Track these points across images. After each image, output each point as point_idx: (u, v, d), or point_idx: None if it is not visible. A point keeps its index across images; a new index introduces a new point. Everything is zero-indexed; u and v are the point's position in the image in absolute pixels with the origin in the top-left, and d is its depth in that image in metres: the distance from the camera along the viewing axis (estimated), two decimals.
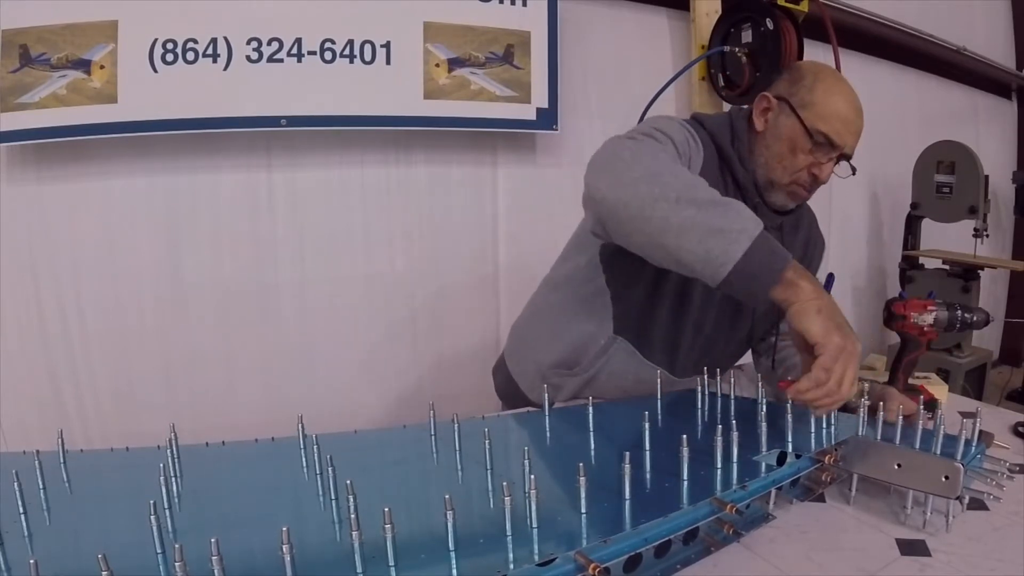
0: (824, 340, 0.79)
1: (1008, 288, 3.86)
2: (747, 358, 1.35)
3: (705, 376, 1.01)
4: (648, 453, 0.78)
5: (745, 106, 1.17)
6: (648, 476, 0.74)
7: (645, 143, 0.96)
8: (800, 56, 2.02)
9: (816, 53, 2.21)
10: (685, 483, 0.71)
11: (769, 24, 2.01)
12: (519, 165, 2.08)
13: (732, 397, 1.01)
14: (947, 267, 2.78)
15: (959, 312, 1.09)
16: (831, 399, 0.80)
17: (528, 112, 1.94)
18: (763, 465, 0.76)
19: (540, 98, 1.94)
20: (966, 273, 2.71)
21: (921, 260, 2.88)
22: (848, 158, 1.08)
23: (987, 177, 2.69)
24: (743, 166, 1.09)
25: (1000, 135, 3.70)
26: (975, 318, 1.08)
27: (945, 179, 2.75)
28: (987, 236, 2.74)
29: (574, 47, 2.06)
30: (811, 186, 1.09)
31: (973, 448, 0.81)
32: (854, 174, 1.10)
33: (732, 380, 1.03)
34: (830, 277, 1.36)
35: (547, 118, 1.96)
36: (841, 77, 1.10)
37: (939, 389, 1.19)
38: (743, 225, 0.81)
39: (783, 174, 1.07)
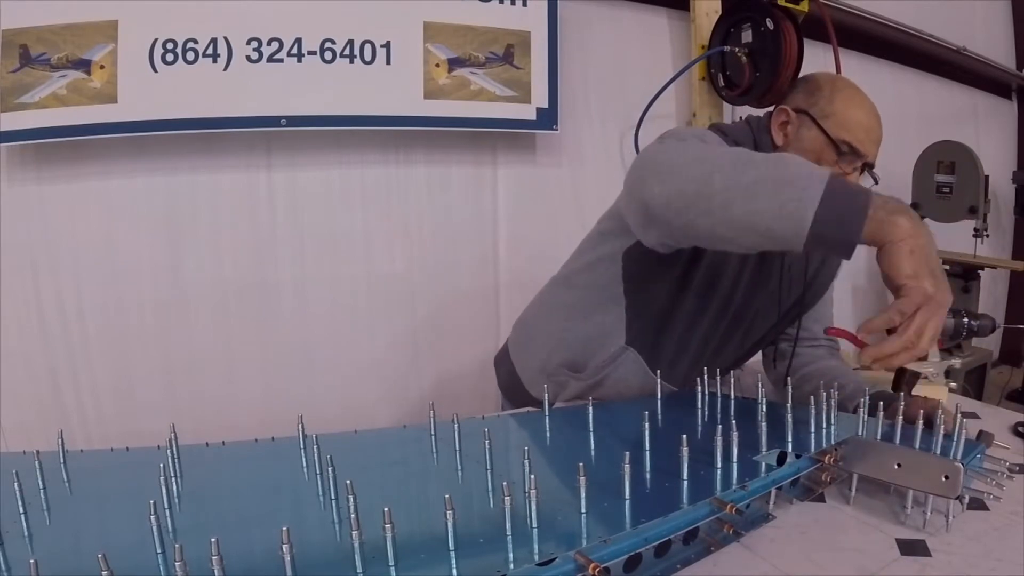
0: (911, 282, 0.70)
1: (1008, 288, 3.86)
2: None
3: (705, 376, 1.01)
4: (648, 453, 0.78)
5: (762, 113, 1.16)
6: (648, 476, 0.74)
7: (686, 139, 0.94)
8: (800, 56, 2.02)
9: (816, 53, 2.20)
10: (685, 483, 0.70)
11: (769, 24, 2.01)
12: (519, 165, 2.08)
13: (732, 397, 1.01)
14: (947, 267, 2.78)
15: (965, 320, 1.06)
16: (908, 352, 0.72)
17: (528, 112, 1.94)
18: (763, 465, 0.76)
19: (540, 98, 1.94)
20: (966, 273, 2.71)
21: None
22: (871, 167, 1.07)
23: (987, 177, 2.69)
24: None
25: (1000, 135, 3.70)
26: (981, 325, 1.06)
27: (945, 179, 2.75)
28: (987, 236, 2.74)
29: (574, 47, 2.06)
30: None
31: (973, 448, 0.81)
32: (876, 184, 1.08)
33: (732, 380, 1.03)
34: None
35: (547, 118, 1.96)
36: (857, 87, 1.09)
37: (939, 389, 1.19)
38: (810, 170, 0.74)
39: None
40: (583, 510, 0.63)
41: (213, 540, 0.50)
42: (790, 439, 0.81)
